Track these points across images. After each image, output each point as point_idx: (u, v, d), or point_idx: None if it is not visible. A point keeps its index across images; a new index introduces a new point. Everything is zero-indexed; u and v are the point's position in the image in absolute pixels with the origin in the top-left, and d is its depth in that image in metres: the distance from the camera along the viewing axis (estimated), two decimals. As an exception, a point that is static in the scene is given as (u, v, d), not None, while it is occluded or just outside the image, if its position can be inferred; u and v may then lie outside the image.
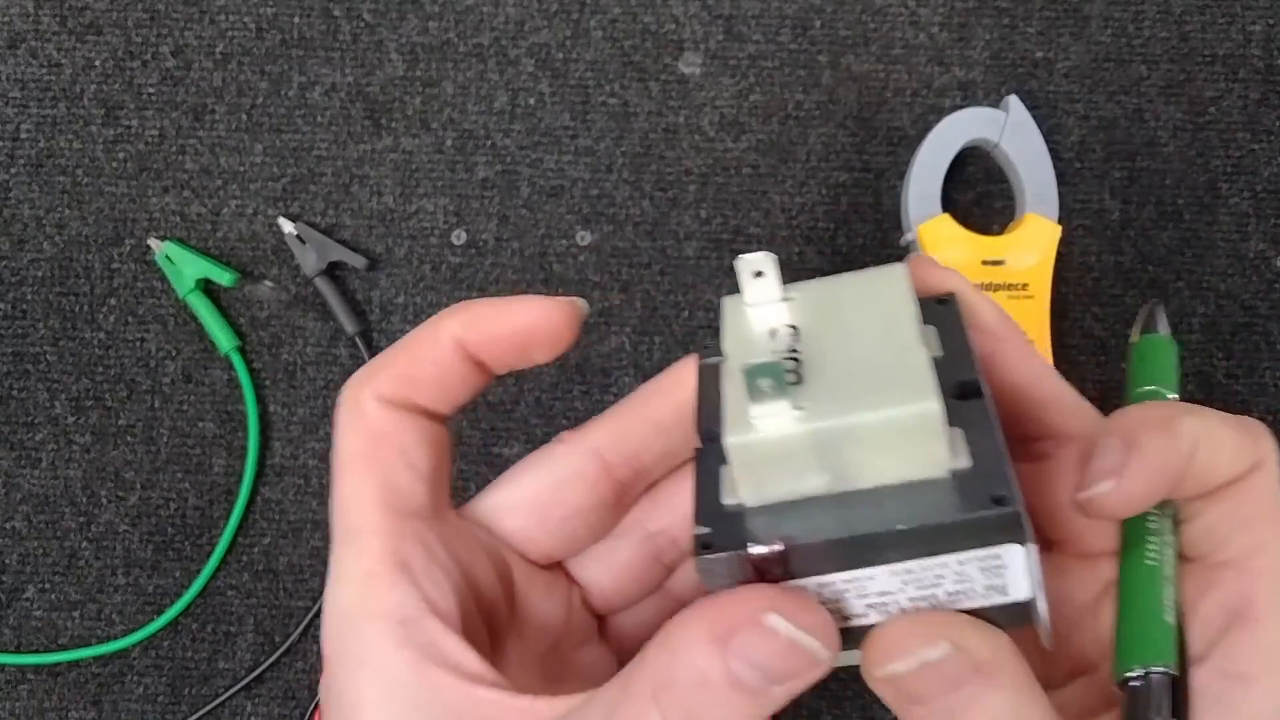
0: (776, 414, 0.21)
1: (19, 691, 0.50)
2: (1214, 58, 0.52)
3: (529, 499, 0.26)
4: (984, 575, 0.21)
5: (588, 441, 0.26)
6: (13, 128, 0.52)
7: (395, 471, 0.24)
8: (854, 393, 0.22)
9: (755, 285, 0.24)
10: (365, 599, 0.23)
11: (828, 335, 0.23)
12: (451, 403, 0.26)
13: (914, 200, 0.49)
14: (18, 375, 0.51)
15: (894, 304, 0.24)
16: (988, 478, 0.21)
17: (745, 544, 0.21)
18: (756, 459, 0.22)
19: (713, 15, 0.52)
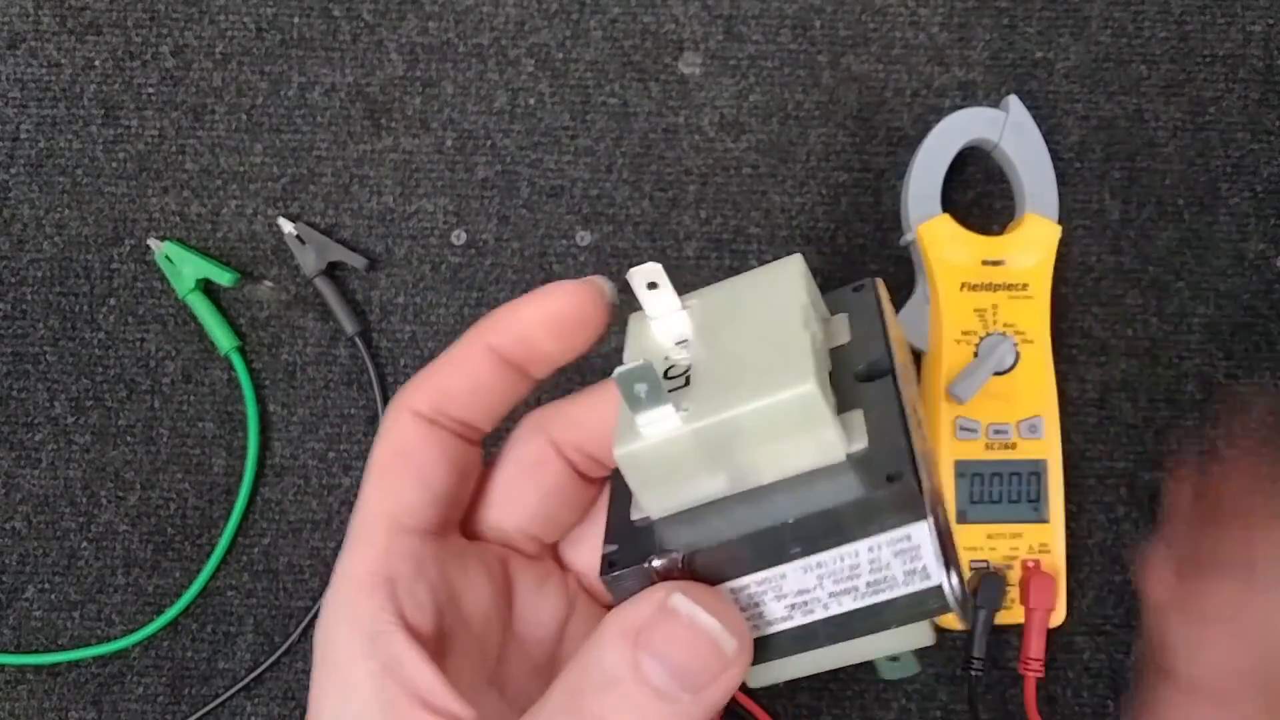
0: (660, 420, 0.21)
1: (19, 691, 0.50)
2: (1214, 58, 0.52)
3: (501, 489, 0.27)
4: (899, 560, 0.20)
5: (543, 430, 0.27)
6: (13, 128, 0.52)
7: (406, 488, 0.25)
8: (734, 386, 0.21)
9: (651, 298, 0.24)
10: (346, 605, 0.24)
11: (719, 336, 0.23)
12: (489, 413, 0.26)
13: (914, 200, 0.49)
14: (18, 375, 0.51)
15: (785, 295, 0.23)
16: (885, 456, 0.20)
17: (647, 557, 0.21)
18: (647, 467, 0.21)
19: (713, 15, 0.52)
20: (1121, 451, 0.50)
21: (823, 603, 0.21)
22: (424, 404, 0.26)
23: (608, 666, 0.21)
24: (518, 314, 0.26)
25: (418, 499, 0.25)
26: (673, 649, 0.20)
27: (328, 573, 0.50)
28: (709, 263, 0.50)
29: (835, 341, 0.23)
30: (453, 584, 0.25)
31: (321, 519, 0.50)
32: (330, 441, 0.50)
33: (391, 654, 0.23)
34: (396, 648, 0.23)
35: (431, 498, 0.25)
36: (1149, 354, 0.51)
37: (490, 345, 0.26)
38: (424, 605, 0.24)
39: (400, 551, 0.24)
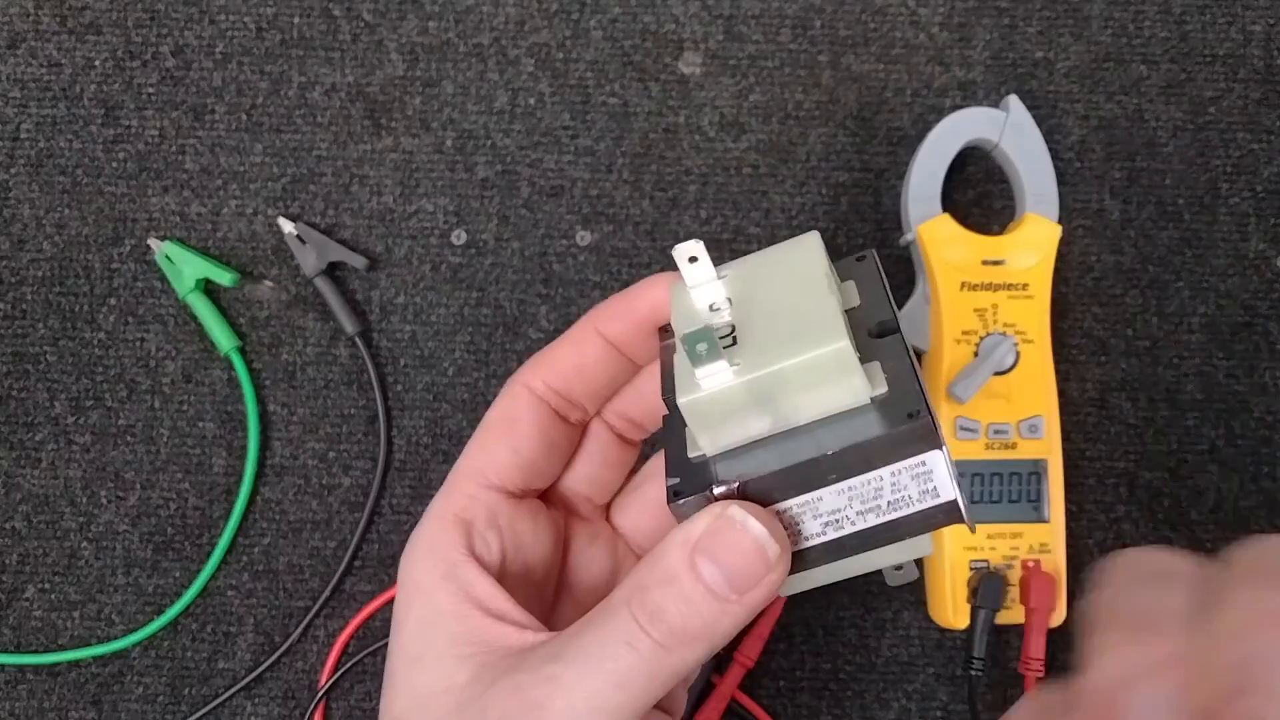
0: (717, 373, 0.25)
1: (19, 691, 0.50)
2: (1214, 58, 0.52)
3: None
4: (915, 482, 0.25)
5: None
6: (13, 128, 0.52)
7: (500, 451, 0.30)
8: (778, 344, 0.25)
9: (692, 270, 0.27)
10: (431, 537, 0.29)
11: (755, 301, 0.27)
12: (594, 392, 0.31)
13: (914, 200, 0.49)
14: (18, 375, 0.51)
15: (809, 266, 0.27)
16: (903, 398, 0.25)
17: (708, 485, 0.25)
18: (705, 413, 0.25)
19: (713, 15, 0.52)
20: (1121, 451, 0.50)
21: (850, 520, 0.25)
22: (535, 379, 0.30)
23: (669, 566, 0.24)
24: (626, 303, 0.30)
25: (506, 461, 0.30)
26: (726, 552, 0.24)
27: (328, 573, 0.50)
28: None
29: (848, 305, 0.28)
30: (519, 535, 0.30)
31: (321, 519, 0.50)
32: (330, 441, 0.50)
33: (466, 578, 0.28)
34: (469, 574, 0.28)
35: (519, 462, 0.30)
36: (1149, 354, 0.51)
37: (600, 330, 0.30)
38: (493, 548, 0.29)
39: (480, 501, 0.29)
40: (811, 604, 0.49)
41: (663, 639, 0.24)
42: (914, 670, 0.49)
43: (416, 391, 0.51)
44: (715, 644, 0.25)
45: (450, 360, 0.51)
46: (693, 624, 0.24)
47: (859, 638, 0.49)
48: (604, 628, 0.25)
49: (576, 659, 0.25)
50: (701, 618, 0.24)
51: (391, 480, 0.50)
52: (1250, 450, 0.50)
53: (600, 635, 0.25)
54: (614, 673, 0.24)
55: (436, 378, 0.51)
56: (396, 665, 0.28)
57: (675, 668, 0.25)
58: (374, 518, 0.50)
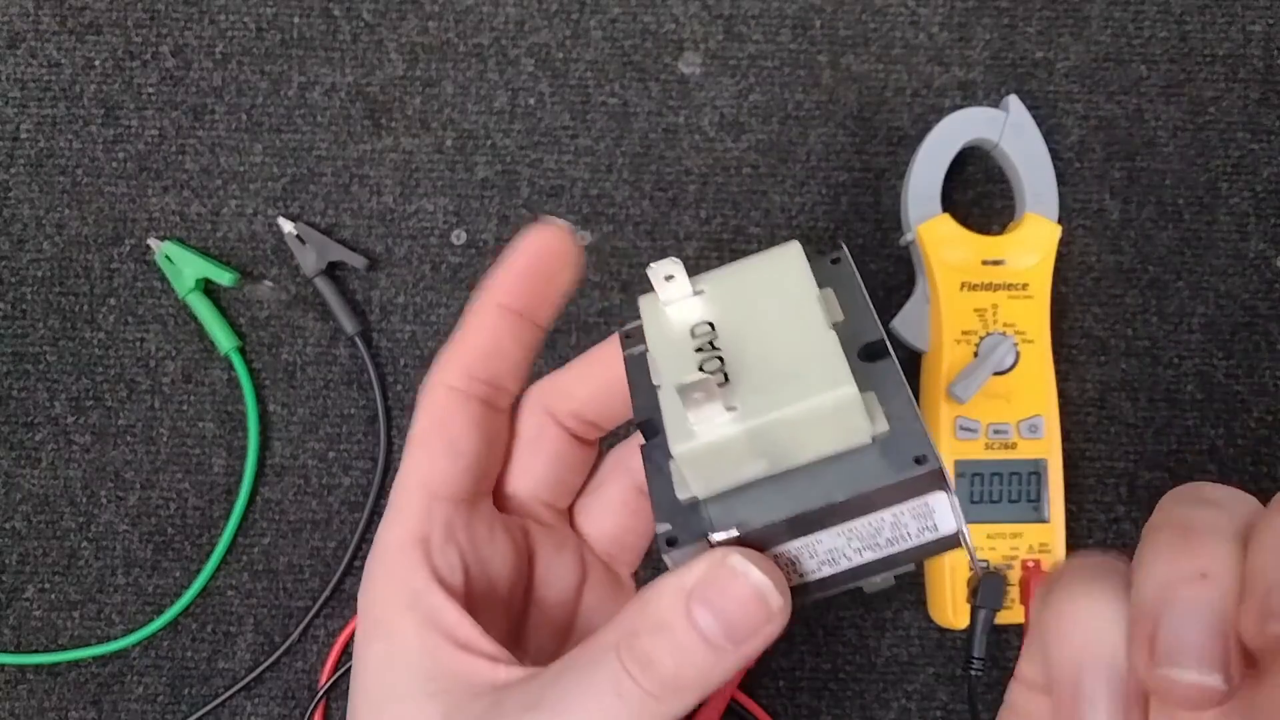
0: (712, 418, 0.24)
1: (19, 691, 0.50)
2: (1214, 58, 0.52)
3: (512, 462, 0.30)
4: (915, 520, 0.24)
5: (540, 404, 0.30)
6: (13, 128, 0.52)
7: (439, 457, 0.28)
8: (778, 387, 0.24)
9: (668, 286, 0.26)
10: (387, 566, 0.27)
11: (742, 327, 0.25)
12: (513, 369, 0.29)
13: (914, 200, 0.49)
14: (18, 375, 0.51)
15: (795, 286, 0.26)
16: (907, 439, 0.24)
17: (705, 534, 0.24)
18: (701, 460, 0.24)
19: (713, 15, 0.52)
20: (1121, 451, 0.50)
21: (847, 556, 0.25)
22: (453, 373, 0.29)
23: (663, 613, 0.23)
24: (511, 267, 0.29)
25: (449, 467, 0.28)
26: (724, 602, 0.23)
27: (328, 573, 0.50)
28: (709, 263, 0.50)
29: (831, 319, 0.26)
30: (480, 548, 0.28)
31: (321, 519, 0.50)
32: (330, 441, 0.50)
33: (431, 606, 0.26)
34: (434, 600, 0.26)
35: (463, 464, 0.28)
36: (1149, 354, 0.51)
37: (498, 303, 0.29)
38: (454, 566, 0.27)
39: (433, 517, 0.27)
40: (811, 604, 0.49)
41: (654, 689, 0.23)
42: (914, 670, 0.49)
43: (416, 391, 0.51)
44: (706, 692, 0.24)
45: (450, 360, 0.51)
46: (686, 674, 0.23)
47: (859, 638, 0.49)
48: (590, 675, 0.23)
49: (558, 707, 0.23)
50: (696, 668, 0.23)
51: (391, 480, 0.50)
52: (1250, 450, 0.50)
53: (585, 683, 0.23)
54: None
55: (436, 378, 0.51)
56: (360, 707, 0.26)
57: (664, 717, 0.24)
58: (374, 518, 0.50)
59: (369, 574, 0.28)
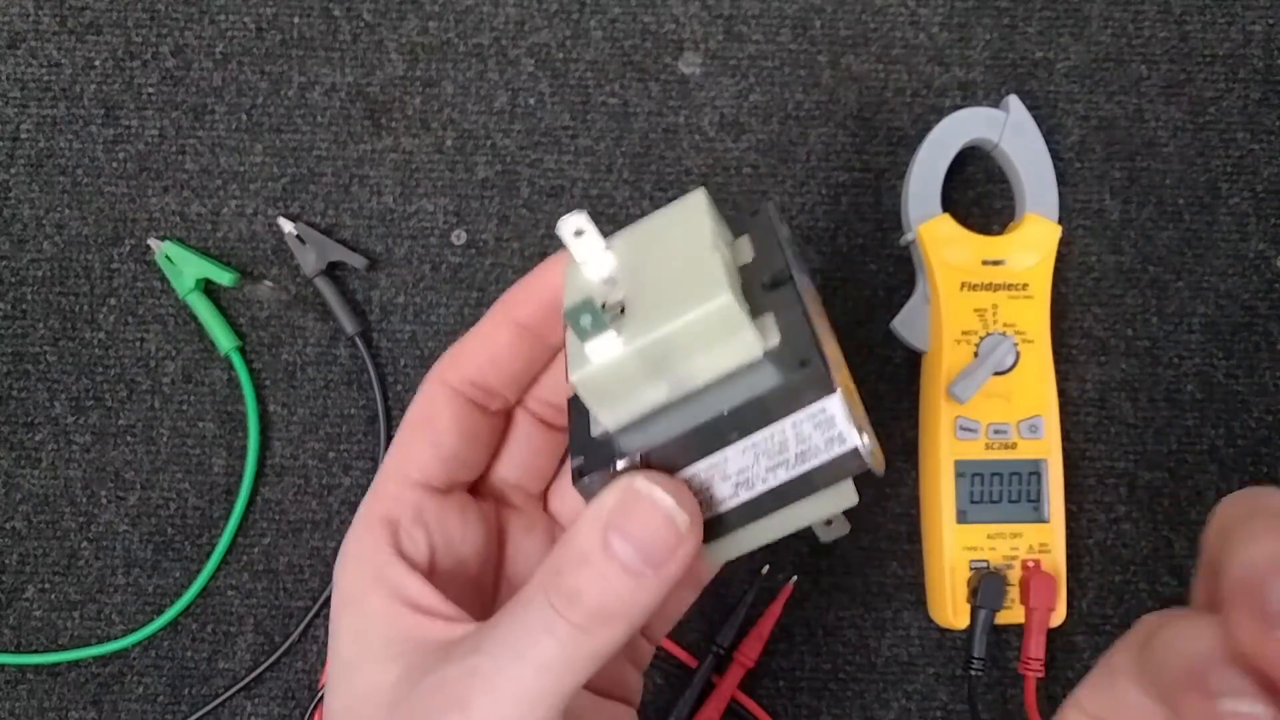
0: (605, 345, 0.24)
1: (19, 691, 0.50)
2: (1214, 58, 0.52)
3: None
4: (819, 431, 0.24)
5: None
6: (13, 128, 0.52)
7: (420, 447, 0.30)
8: (663, 307, 0.24)
9: (579, 244, 0.27)
10: (357, 542, 0.29)
11: (644, 268, 0.26)
12: (511, 379, 0.30)
13: (914, 200, 0.49)
14: (18, 375, 0.51)
15: (693, 225, 0.26)
16: (795, 347, 0.24)
17: (611, 461, 0.25)
18: (600, 386, 0.25)
19: (713, 15, 0.52)
20: (1121, 451, 0.50)
21: (761, 478, 0.25)
22: (450, 373, 0.30)
23: (582, 547, 0.24)
24: (532, 284, 0.29)
25: (427, 457, 0.29)
26: (636, 527, 0.24)
27: (328, 572, 0.50)
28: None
29: (741, 260, 0.27)
30: (449, 530, 0.30)
31: (321, 519, 0.50)
32: (330, 441, 0.50)
33: (394, 578, 0.28)
34: (397, 573, 0.28)
35: (440, 456, 0.29)
36: (1149, 354, 0.51)
37: (510, 316, 0.30)
38: (420, 545, 0.29)
39: (404, 500, 0.29)
40: (811, 604, 0.49)
41: (581, 621, 0.24)
42: (914, 670, 0.49)
43: (417, 390, 0.51)
44: (635, 621, 0.25)
45: (450, 360, 0.51)
46: (610, 603, 0.24)
47: (859, 638, 0.49)
48: (521, 615, 0.25)
49: (495, 650, 0.25)
50: (619, 596, 0.24)
51: (391, 480, 0.50)
52: (1250, 450, 0.50)
53: (517, 623, 0.25)
54: (533, 660, 0.24)
55: (436, 378, 0.51)
56: (333, 673, 0.28)
57: (596, 649, 0.24)
58: (374, 518, 0.50)
59: (343, 550, 0.29)
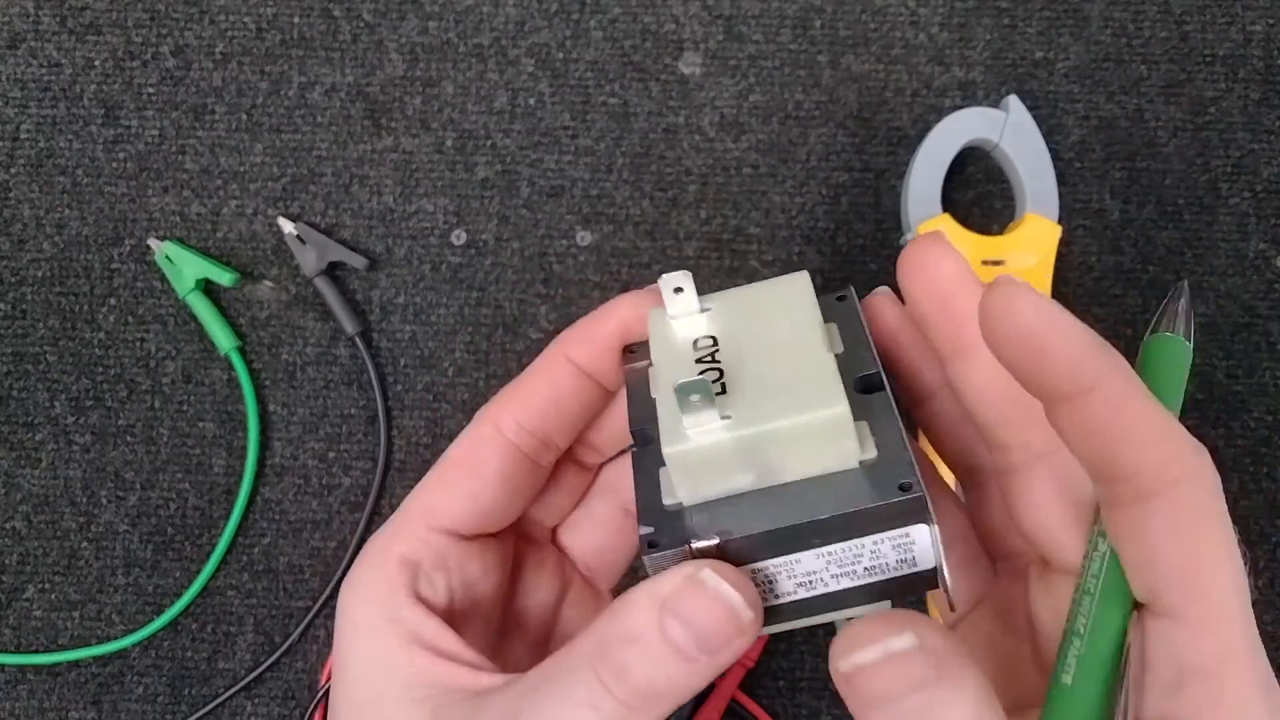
0: (706, 424, 0.24)
1: (19, 691, 0.50)
2: (1214, 58, 0.52)
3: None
4: (895, 551, 0.24)
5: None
6: (13, 128, 0.52)
7: (457, 493, 0.28)
8: (773, 400, 0.24)
9: (676, 300, 0.27)
10: (372, 581, 0.27)
11: (744, 343, 0.26)
12: (568, 426, 0.29)
13: (914, 200, 0.49)
14: (18, 375, 0.51)
15: (799, 310, 0.26)
16: (893, 466, 0.24)
17: (686, 540, 0.24)
18: (691, 465, 0.24)
19: (713, 15, 0.52)
20: (1121, 451, 0.50)
21: (825, 581, 0.25)
22: (506, 417, 0.28)
23: (635, 624, 0.23)
24: (595, 326, 0.28)
25: (462, 507, 0.28)
26: (696, 614, 0.23)
27: (328, 573, 0.50)
28: (709, 263, 0.50)
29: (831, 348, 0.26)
30: (468, 575, 0.28)
31: (321, 519, 0.50)
32: (330, 441, 0.50)
33: (411, 620, 0.27)
34: (415, 616, 0.27)
35: (475, 509, 0.28)
36: (1149, 354, 0.51)
37: (570, 356, 0.28)
38: (439, 589, 0.28)
39: (430, 545, 0.28)
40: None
41: (628, 699, 0.23)
42: (914, 670, 0.49)
43: (416, 391, 0.51)
44: (681, 701, 0.24)
45: (450, 360, 0.51)
46: (659, 684, 0.23)
47: (859, 638, 0.49)
48: (566, 685, 0.24)
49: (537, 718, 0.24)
50: (669, 677, 0.23)
51: (391, 480, 0.50)
52: (1250, 450, 0.50)
53: (561, 694, 0.24)
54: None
55: (436, 378, 0.51)
56: (342, 709, 0.27)
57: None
58: (374, 518, 0.50)
59: (354, 582, 0.28)
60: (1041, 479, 0.25)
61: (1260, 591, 0.50)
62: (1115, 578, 0.23)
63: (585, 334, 0.28)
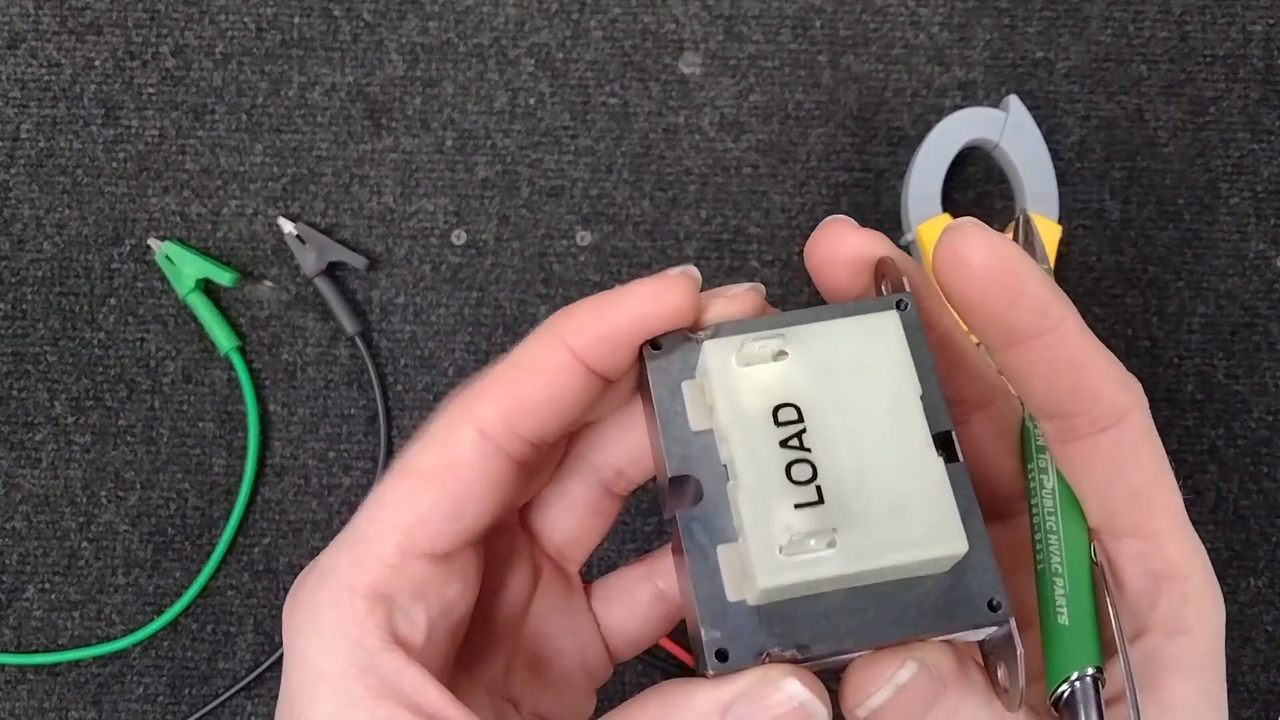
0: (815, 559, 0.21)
1: (19, 691, 0.50)
2: (1214, 58, 0.52)
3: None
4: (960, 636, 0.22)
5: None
6: (13, 128, 0.52)
7: (436, 514, 0.23)
8: (883, 528, 0.21)
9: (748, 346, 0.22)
10: (339, 613, 0.23)
11: (833, 418, 0.22)
12: (561, 427, 0.24)
13: (914, 200, 0.49)
14: (18, 375, 0.51)
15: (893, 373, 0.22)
16: (980, 575, 0.21)
17: (763, 653, 0.21)
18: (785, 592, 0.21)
19: (713, 15, 0.52)
20: (1121, 451, 0.50)
21: None
22: (494, 419, 0.23)
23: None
24: (603, 315, 0.23)
25: (442, 528, 0.23)
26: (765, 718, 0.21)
27: (328, 573, 0.50)
28: (709, 263, 0.50)
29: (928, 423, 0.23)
30: (447, 598, 0.24)
31: (321, 519, 0.50)
32: (330, 441, 0.50)
33: (387, 670, 0.22)
34: (391, 664, 0.22)
35: (458, 529, 0.23)
36: (1149, 354, 0.51)
37: (570, 348, 0.23)
38: (418, 624, 0.23)
39: (406, 574, 0.23)
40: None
41: None
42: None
43: (416, 391, 0.51)
44: None
45: (450, 360, 0.51)
46: None
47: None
48: None
49: None
50: None
51: (391, 480, 0.50)
52: (1250, 450, 0.50)
53: None
54: None
55: (436, 378, 0.51)
56: None
57: None
58: (374, 518, 0.50)
59: (313, 618, 0.23)
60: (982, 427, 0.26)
61: (1260, 591, 0.50)
62: (1070, 509, 0.24)
63: (592, 323, 0.23)
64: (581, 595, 0.29)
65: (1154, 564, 0.23)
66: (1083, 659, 0.22)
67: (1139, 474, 0.23)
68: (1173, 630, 0.22)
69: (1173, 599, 0.23)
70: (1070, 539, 0.24)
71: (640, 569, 0.29)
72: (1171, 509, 0.23)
